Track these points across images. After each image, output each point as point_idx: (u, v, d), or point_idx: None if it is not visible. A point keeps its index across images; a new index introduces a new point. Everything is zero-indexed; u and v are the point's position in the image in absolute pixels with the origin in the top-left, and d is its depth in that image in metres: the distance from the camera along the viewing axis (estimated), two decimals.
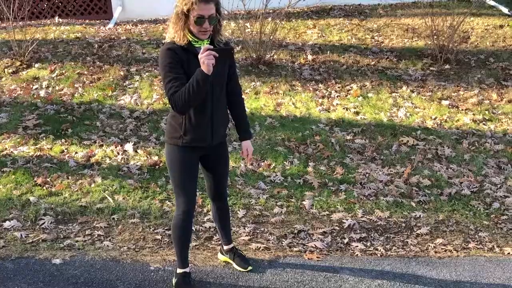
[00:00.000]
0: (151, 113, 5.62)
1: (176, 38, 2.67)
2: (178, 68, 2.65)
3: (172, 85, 2.62)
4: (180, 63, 2.65)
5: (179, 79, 2.63)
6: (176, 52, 2.65)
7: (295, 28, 7.82)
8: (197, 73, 2.56)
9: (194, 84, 2.56)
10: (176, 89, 2.61)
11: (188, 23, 2.65)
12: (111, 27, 8.10)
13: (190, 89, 2.57)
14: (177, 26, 2.65)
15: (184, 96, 2.59)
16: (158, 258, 3.42)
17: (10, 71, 6.49)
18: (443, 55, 6.63)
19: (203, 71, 2.53)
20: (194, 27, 2.64)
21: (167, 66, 2.65)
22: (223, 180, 3.10)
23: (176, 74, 2.64)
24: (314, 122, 5.48)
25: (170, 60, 2.64)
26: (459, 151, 5.05)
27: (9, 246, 3.55)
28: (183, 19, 2.63)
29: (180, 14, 2.63)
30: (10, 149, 4.91)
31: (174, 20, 2.66)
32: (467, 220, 4.07)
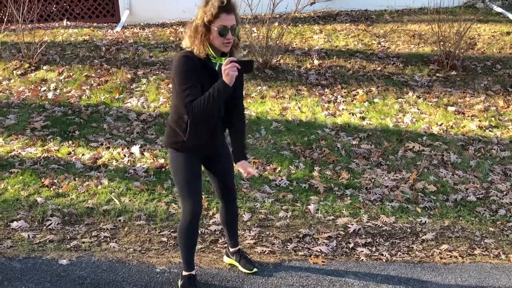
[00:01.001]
0: (157, 116, 5.65)
1: (196, 50, 2.65)
2: (194, 77, 2.66)
3: (190, 93, 2.63)
4: (196, 73, 2.66)
5: (195, 87, 2.65)
6: (194, 61, 2.66)
7: (301, 33, 7.84)
8: (219, 84, 2.58)
9: (215, 94, 2.59)
10: (193, 97, 2.63)
11: (209, 36, 2.64)
12: (118, 30, 8.16)
13: (210, 98, 2.59)
14: (196, 39, 2.63)
15: (204, 105, 2.61)
16: (164, 260, 3.44)
17: (18, 73, 6.55)
18: (449, 61, 6.64)
19: (226, 82, 2.56)
20: (217, 39, 2.63)
21: (185, 73, 2.65)
22: (229, 177, 3.10)
23: (193, 82, 2.64)
24: (320, 127, 5.49)
25: (187, 68, 2.64)
26: (465, 157, 5.04)
27: (16, 246, 3.58)
28: (203, 32, 2.61)
29: (200, 27, 2.61)
30: (18, 150, 4.95)
31: (192, 33, 2.63)
32: (472, 226, 4.07)
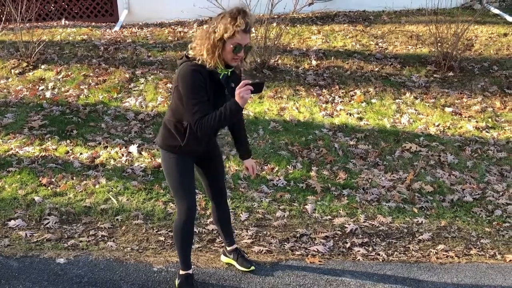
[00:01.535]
0: (155, 115, 5.66)
1: (212, 63, 2.64)
2: (204, 92, 2.66)
3: (199, 109, 2.63)
4: (205, 87, 2.67)
5: (204, 103, 2.65)
6: (202, 74, 2.65)
7: (299, 33, 7.86)
8: (232, 105, 2.60)
9: (227, 114, 2.60)
10: (202, 114, 2.63)
11: (222, 50, 2.64)
12: (117, 30, 8.16)
13: (221, 117, 2.61)
14: (214, 53, 2.62)
15: (214, 122, 2.62)
16: (161, 259, 3.45)
17: (16, 72, 6.55)
18: (447, 62, 6.66)
19: (238, 104, 2.58)
20: (229, 53, 2.64)
21: (195, 87, 2.64)
22: (220, 176, 3.15)
23: (202, 97, 2.65)
24: (317, 127, 5.51)
25: (197, 82, 2.64)
26: (462, 158, 5.07)
27: (14, 245, 3.58)
28: (221, 46, 2.62)
29: (218, 42, 2.61)
30: (15, 149, 4.95)
31: (210, 47, 2.62)
32: (469, 226, 4.09)
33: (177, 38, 7.61)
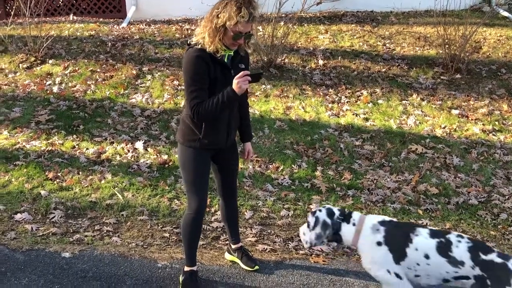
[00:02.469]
0: (162, 112, 5.67)
1: (212, 47, 2.67)
2: (204, 77, 2.69)
3: (197, 95, 2.68)
4: (207, 71, 2.69)
5: (203, 90, 2.69)
6: (205, 59, 2.68)
7: (307, 32, 7.85)
8: (229, 92, 2.63)
9: (225, 101, 2.64)
10: (200, 100, 2.67)
11: (223, 35, 2.66)
12: (124, 26, 8.18)
13: (218, 104, 2.65)
14: (214, 38, 2.65)
15: (210, 109, 2.66)
16: (165, 256, 3.46)
17: (24, 66, 6.58)
18: (454, 64, 6.63)
19: (235, 92, 2.62)
20: (229, 39, 2.68)
21: (195, 75, 2.68)
22: (234, 176, 3.17)
23: (201, 84, 2.68)
24: (323, 127, 5.50)
25: (198, 70, 2.67)
26: (468, 160, 5.05)
27: (20, 238, 3.61)
28: (222, 31, 2.65)
29: (220, 27, 2.63)
30: (22, 143, 4.98)
31: (212, 32, 2.65)
32: (474, 230, 4.08)
33: (184, 35, 7.62)
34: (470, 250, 2.41)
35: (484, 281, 2.33)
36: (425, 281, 2.52)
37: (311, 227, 2.70)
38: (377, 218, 2.65)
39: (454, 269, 2.41)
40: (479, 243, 2.53)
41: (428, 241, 2.47)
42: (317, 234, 2.65)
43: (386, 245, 2.51)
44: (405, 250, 2.47)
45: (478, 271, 2.35)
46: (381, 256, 2.51)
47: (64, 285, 3.09)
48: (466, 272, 2.39)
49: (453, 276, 2.44)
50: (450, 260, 2.41)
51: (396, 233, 2.54)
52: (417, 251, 2.46)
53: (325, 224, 2.65)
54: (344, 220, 2.66)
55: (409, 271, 2.50)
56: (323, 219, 2.66)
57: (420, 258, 2.45)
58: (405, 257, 2.48)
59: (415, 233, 2.51)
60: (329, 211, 2.70)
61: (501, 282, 2.27)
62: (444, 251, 2.43)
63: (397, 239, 2.51)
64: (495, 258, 2.35)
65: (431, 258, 2.44)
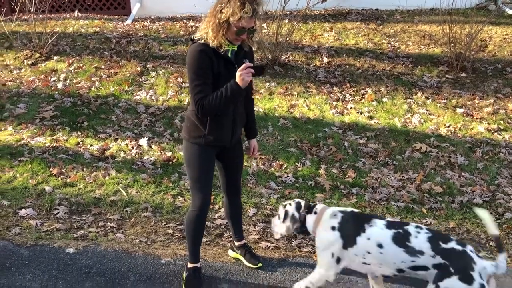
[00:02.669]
0: (166, 109, 5.68)
1: (215, 42, 2.67)
2: (207, 72, 2.69)
3: (200, 90, 2.67)
4: (210, 66, 2.69)
5: (206, 84, 2.69)
6: (208, 54, 2.68)
7: (311, 30, 7.83)
8: (232, 86, 2.63)
9: (229, 95, 2.64)
10: (204, 95, 2.67)
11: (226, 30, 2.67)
12: (129, 23, 8.19)
13: (221, 97, 2.64)
14: (217, 33, 2.65)
15: (215, 103, 2.65)
16: (169, 252, 3.47)
17: (29, 62, 6.59)
18: (459, 63, 6.60)
19: (239, 85, 2.61)
20: (232, 34, 2.68)
21: (198, 69, 2.68)
22: (239, 174, 3.17)
23: (204, 78, 2.68)
24: (327, 125, 5.50)
25: (201, 64, 2.67)
26: (472, 159, 5.03)
27: (24, 234, 3.62)
28: (225, 26, 2.65)
29: (224, 22, 2.64)
30: (27, 139, 5.00)
31: (215, 27, 2.65)
32: (478, 229, 4.06)
33: (188, 32, 7.61)
34: (429, 240, 2.48)
35: (447, 269, 2.40)
36: (376, 269, 2.62)
37: (282, 220, 2.86)
38: (340, 208, 2.79)
39: (411, 258, 2.48)
40: (437, 233, 2.61)
41: (383, 232, 2.56)
42: (287, 226, 2.83)
43: (339, 230, 2.66)
44: (356, 238, 2.59)
45: (440, 259, 2.43)
46: (332, 239, 2.66)
47: (68, 280, 3.10)
48: (424, 261, 2.46)
49: (409, 266, 2.51)
50: (407, 250, 2.49)
51: (351, 221, 2.67)
52: (369, 240, 2.57)
53: (293, 218, 2.83)
54: (308, 212, 2.82)
55: (357, 257, 2.62)
56: (292, 213, 2.83)
57: (372, 247, 2.55)
58: (353, 244, 2.60)
59: (370, 223, 2.62)
60: (297, 205, 2.85)
61: (463, 267, 2.37)
62: (402, 241, 2.51)
63: (350, 227, 2.64)
64: (455, 246, 2.44)
65: (385, 247, 2.53)
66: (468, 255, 2.42)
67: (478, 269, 2.37)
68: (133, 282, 3.12)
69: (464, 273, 2.36)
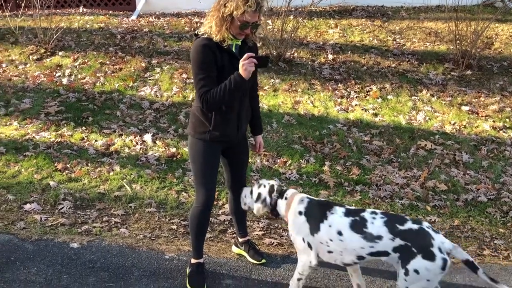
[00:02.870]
0: (170, 105, 5.68)
1: (218, 36, 2.67)
2: (211, 66, 2.68)
3: (205, 83, 2.67)
4: (214, 60, 2.69)
5: (211, 78, 2.68)
6: (211, 48, 2.67)
7: (316, 27, 7.81)
8: (236, 77, 2.62)
9: (232, 87, 2.63)
10: (208, 88, 2.67)
11: (230, 24, 2.66)
12: (134, 18, 8.19)
13: (225, 90, 2.64)
14: (221, 27, 2.65)
15: (218, 96, 2.65)
16: (173, 248, 3.48)
17: (34, 57, 6.61)
18: (465, 60, 6.57)
19: (242, 76, 2.60)
20: (236, 29, 2.67)
21: (201, 63, 2.68)
22: (244, 170, 3.17)
23: (208, 72, 2.68)
24: (331, 122, 5.48)
25: (204, 57, 2.67)
26: (477, 157, 5.01)
27: (29, 228, 3.64)
28: (229, 20, 2.64)
29: (228, 17, 2.63)
30: (32, 134, 5.01)
31: (219, 21, 2.65)
32: (482, 227, 4.05)
33: (193, 28, 7.60)
34: (386, 224, 2.52)
35: (409, 249, 2.43)
36: (338, 257, 2.66)
37: (254, 199, 2.94)
38: (307, 195, 2.87)
39: (370, 244, 2.52)
40: (392, 216, 2.63)
41: (342, 219, 2.63)
42: (257, 207, 2.93)
43: (305, 215, 2.75)
44: (319, 225, 2.67)
45: (400, 241, 2.46)
46: (300, 224, 2.75)
47: (72, 275, 3.11)
48: (384, 246, 2.49)
49: (369, 252, 2.54)
50: (365, 236, 2.53)
51: (315, 207, 2.76)
52: (331, 227, 2.64)
53: (264, 201, 2.92)
54: (279, 197, 2.90)
55: (322, 246, 2.68)
56: (264, 197, 2.92)
57: (333, 234, 2.62)
58: (318, 231, 2.67)
59: (331, 211, 2.69)
60: (270, 189, 2.93)
61: (424, 245, 2.40)
62: (359, 228, 2.56)
63: (315, 213, 2.72)
64: (412, 226, 2.48)
65: (344, 234, 2.59)
66: (425, 231, 2.46)
67: (437, 244, 2.40)
68: (137, 277, 3.13)
69: (425, 251, 2.40)
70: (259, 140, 3.23)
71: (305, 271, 2.82)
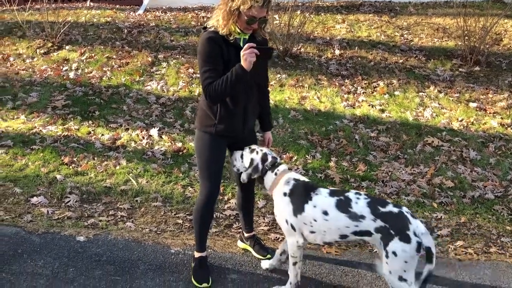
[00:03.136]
0: (176, 100, 5.68)
1: (225, 30, 2.66)
2: (217, 59, 2.68)
3: (209, 75, 2.67)
4: (220, 53, 2.68)
5: (216, 71, 2.68)
6: (217, 41, 2.67)
7: (323, 22, 7.77)
8: (237, 68, 2.61)
9: (233, 78, 2.62)
10: (212, 80, 2.66)
11: (237, 19, 2.65)
12: (140, 13, 8.19)
13: (227, 81, 2.63)
14: (228, 21, 2.64)
15: (220, 87, 2.64)
16: (178, 242, 3.49)
17: (42, 51, 6.63)
18: (473, 56, 6.51)
19: (243, 67, 2.59)
20: (243, 23, 2.66)
21: (206, 56, 2.68)
22: None
23: (213, 65, 2.68)
24: (338, 118, 5.46)
25: (210, 50, 2.67)
26: (485, 154, 4.97)
27: (36, 221, 3.66)
28: (236, 14, 2.63)
29: (235, 11, 2.62)
30: (39, 128, 5.04)
31: (226, 14, 2.64)
32: (489, 224, 4.02)
33: (200, 23, 7.59)
34: (369, 205, 2.60)
35: (388, 231, 2.52)
36: (320, 237, 2.73)
37: (246, 166, 2.92)
38: (295, 175, 2.87)
39: (354, 223, 2.60)
40: (375, 198, 2.71)
41: (327, 199, 2.69)
42: (248, 174, 2.92)
43: (289, 196, 2.78)
44: (304, 205, 2.71)
45: (380, 222, 2.54)
46: (283, 205, 2.78)
47: (78, 268, 3.13)
48: (367, 226, 2.58)
49: (352, 231, 2.63)
50: (350, 215, 2.61)
51: (300, 189, 2.78)
52: (315, 208, 2.69)
53: (256, 168, 2.90)
54: (270, 169, 2.90)
55: (305, 226, 2.73)
56: (257, 163, 2.90)
57: (318, 214, 2.67)
58: (302, 211, 2.71)
59: (316, 192, 2.73)
60: (263, 158, 2.91)
61: (402, 227, 2.50)
62: (344, 207, 2.63)
63: (299, 194, 2.75)
64: (392, 209, 2.57)
65: (330, 214, 2.65)
66: (404, 215, 2.55)
67: (413, 228, 2.49)
68: (143, 271, 3.15)
69: (402, 233, 2.49)
70: (267, 136, 3.21)
71: (295, 253, 2.85)
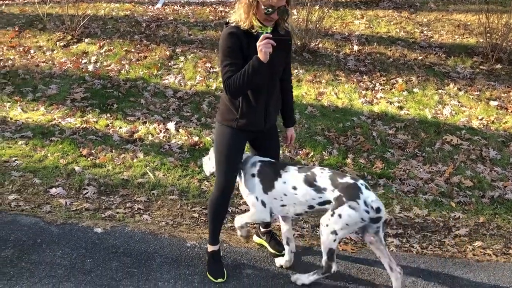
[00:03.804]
0: (193, 94, 5.69)
1: (247, 23, 2.65)
2: (237, 54, 2.67)
3: (229, 70, 2.66)
4: (240, 48, 2.67)
5: (235, 65, 2.67)
6: (238, 36, 2.66)
7: (342, 17, 7.70)
8: (254, 60, 2.60)
9: (250, 71, 2.61)
10: (231, 74, 2.66)
11: (256, 10, 2.64)
12: (159, 7, 8.21)
13: (244, 74, 2.62)
14: (248, 13, 2.63)
15: (239, 81, 2.63)
16: (194, 236, 3.50)
17: (61, 44, 6.70)
18: (495, 54, 6.39)
19: (260, 58, 2.57)
20: (261, 14, 2.64)
21: (227, 50, 2.68)
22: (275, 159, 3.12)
23: (233, 59, 2.67)
24: (355, 114, 5.42)
25: (230, 45, 2.66)
26: (505, 154, 4.88)
27: (54, 212, 3.71)
28: (255, 5, 2.62)
29: (253, 1, 2.60)
30: (58, 120, 5.10)
31: (246, 7, 2.63)
32: (509, 225, 3.96)
33: (218, 17, 7.59)
34: (330, 178, 2.84)
35: (340, 198, 2.76)
36: (291, 209, 2.95)
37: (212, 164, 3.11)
38: (259, 158, 3.05)
39: (319, 195, 2.84)
40: (336, 171, 2.96)
41: (296, 175, 2.90)
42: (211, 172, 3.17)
43: (258, 177, 2.97)
44: (274, 183, 2.93)
45: (337, 192, 2.79)
46: (253, 185, 2.97)
47: (95, 259, 3.17)
48: (328, 196, 2.82)
49: (318, 202, 2.86)
50: (316, 188, 2.84)
51: (268, 168, 2.98)
52: (285, 184, 2.90)
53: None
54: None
55: (276, 201, 2.95)
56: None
57: (288, 189, 2.89)
58: (272, 188, 2.93)
59: (285, 169, 2.95)
60: None
61: (352, 195, 2.75)
62: (310, 181, 2.86)
63: (268, 174, 2.96)
64: (349, 180, 2.81)
65: (298, 188, 2.87)
66: (357, 186, 2.78)
67: (363, 198, 2.74)
68: (159, 263, 3.17)
69: (352, 202, 2.73)
70: (290, 132, 3.19)
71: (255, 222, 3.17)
